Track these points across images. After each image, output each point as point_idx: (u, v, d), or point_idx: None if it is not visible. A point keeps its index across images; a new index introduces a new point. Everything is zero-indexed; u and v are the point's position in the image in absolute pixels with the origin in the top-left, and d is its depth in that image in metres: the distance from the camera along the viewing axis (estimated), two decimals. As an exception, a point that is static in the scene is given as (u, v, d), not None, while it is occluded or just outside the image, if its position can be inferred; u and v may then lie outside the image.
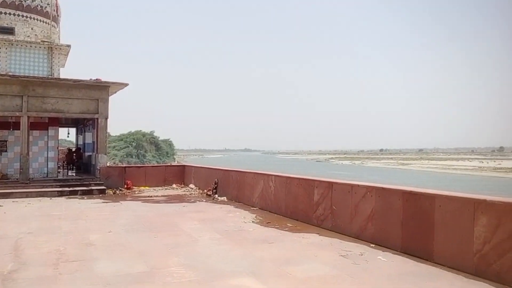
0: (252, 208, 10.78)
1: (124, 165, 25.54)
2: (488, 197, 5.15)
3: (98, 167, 15.93)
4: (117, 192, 15.04)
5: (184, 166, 18.73)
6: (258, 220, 9.14)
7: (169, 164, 32.87)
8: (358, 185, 7.41)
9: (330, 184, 8.14)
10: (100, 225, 8.62)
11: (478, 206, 5.15)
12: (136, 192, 15.18)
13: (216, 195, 13.42)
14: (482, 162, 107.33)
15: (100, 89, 16.12)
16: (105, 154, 16.22)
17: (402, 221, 6.28)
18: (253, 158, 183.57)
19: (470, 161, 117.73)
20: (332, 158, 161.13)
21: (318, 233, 7.66)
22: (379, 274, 5.21)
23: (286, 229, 8.18)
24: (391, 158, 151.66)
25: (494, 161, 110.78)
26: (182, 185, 16.73)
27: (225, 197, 12.91)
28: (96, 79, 15.91)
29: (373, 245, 6.62)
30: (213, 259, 5.92)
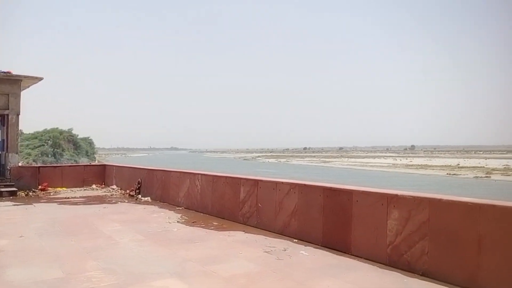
0: (178, 208, 10.59)
1: (38, 165, 23.79)
2: (400, 192, 5.53)
3: (8, 167, 14.64)
4: (30, 194, 13.95)
5: (105, 165, 17.87)
6: (183, 220, 9.00)
7: (88, 164, 31.19)
8: (282, 182, 7.58)
9: (256, 182, 8.24)
10: (10, 230, 7.93)
11: (390, 200, 5.51)
12: (52, 194, 14.19)
13: (140, 196, 12.98)
14: (396, 160, 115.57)
15: (11, 83, 14.81)
16: (17, 153, 14.96)
17: (323, 216, 6.54)
18: (180, 157, 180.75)
19: (385, 158, 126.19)
20: (259, 156, 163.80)
21: (243, 231, 7.72)
22: (301, 268, 5.38)
23: (212, 228, 8.15)
24: (314, 156, 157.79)
25: (406, 159, 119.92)
26: (103, 186, 15.95)
27: (149, 198, 12.53)
28: (6, 72, 14.61)
29: (296, 240, 6.82)
30: (135, 261, 5.71)
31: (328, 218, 6.48)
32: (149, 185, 12.88)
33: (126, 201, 12.38)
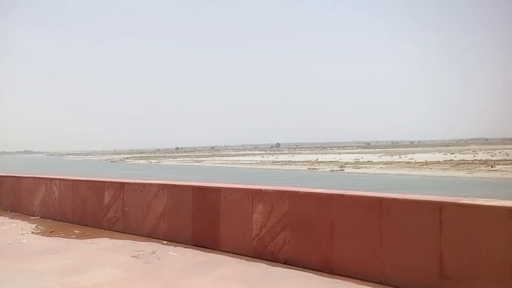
0: (32, 218, 9.54)
1: None
2: (263, 187, 5.85)
3: None
4: None
5: None
6: (39, 230, 8.14)
7: None
8: (150, 184, 7.39)
9: (122, 185, 7.87)
10: None
11: (255, 195, 5.79)
12: None
13: (-15, 206, 11.34)
14: (264, 157, 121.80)
15: None
16: None
17: (192, 215, 6.57)
18: (35, 161, 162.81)
19: (254, 156, 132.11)
20: (127, 158, 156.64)
21: (109, 237, 7.32)
22: (170, 268, 5.32)
23: (73, 236, 7.54)
24: (187, 156, 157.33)
25: (273, 156, 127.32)
26: None
27: (-4, 208, 11.03)
28: None
29: (166, 242, 6.72)
30: (-23, 281, 4.98)
31: (197, 216, 6.52)
32: (-4, 194, 11.32)
33: (-33, 214, 10.70)
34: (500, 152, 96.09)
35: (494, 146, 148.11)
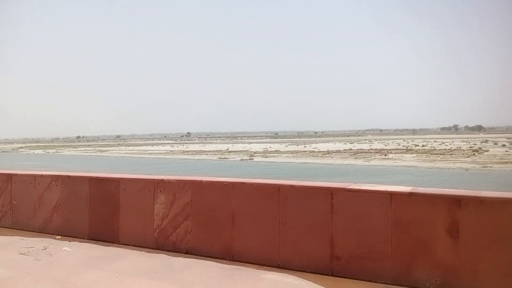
0: None
1: None
2: (166, 177, 5.73)
3: None
4: None
5: None
6: None
7: None
8: (42, 175, 6.84)
9: (9, 176, 7.17)
10: None
11: (157, 185, 5.66)
12: None
13: None
14: (173, 146, 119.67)
15: None
16: None
17: (89, 208, 6.22)
18: None
19: (163, 145, 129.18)
20: (21, 147, 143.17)
21: (-6, 234, 6.64)
22: (62, 264, 5.00)
23: (-51, 235, 6.70)
24: (89, 145, 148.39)
25: (183, 145, 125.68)
26: None
27: None
28: None
29: (59, 237, 6.29)
30: None
31: (95, 209, 6.19)
32: None
33: None
34: (392, 142, 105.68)
35: (388, 137, 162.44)
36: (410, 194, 4.27)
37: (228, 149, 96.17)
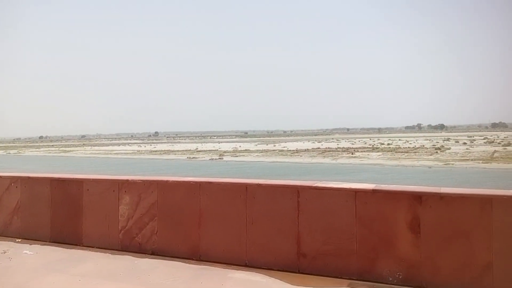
0: None
1: None
2: (130, 177, 5.63)
3: None
4: None
5: None
6: None
7: None
8: (1, 176, 6.57)
9: (-36, 178, 6.85)
10: None
11: (122, 186, 5.54)
12: None
13: None
14: (141, 146, 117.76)
15: None
16: None
17: (51, 209, 6.02)
18: None
19: (130, 145, 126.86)
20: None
21: None
22: (22, 268, 4.83)
23: None
24: (52, 145, 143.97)
25: (151, 145, 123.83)
26: None
27: None
28: None
29: (20, 240, 6.06)
30: None
31: (57, 211, 6.00)
32: None
33: None
34: (359, 141, 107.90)
35: (354, 135, 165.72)
36: (374, 191, 4.36)
37: (197, 148, 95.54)
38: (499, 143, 78.99)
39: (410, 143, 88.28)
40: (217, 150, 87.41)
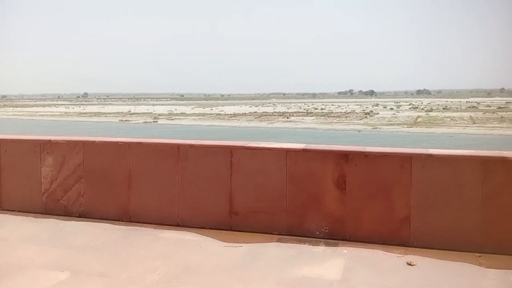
0: None
1: None
2: (53, 137, 5.29)
3: None
4: None
5: None
6: None
7: None
8: None
9: None
10: None
11: (44, 146, 5.20)
12: None
13: None
14: (68, 108, 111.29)
15: None
16: None
17: (-36, 172, 5.54)
18: None
19: (57, 107, 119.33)
20: None
21: None
22: None
23: None
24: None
25: (79, 107, 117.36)
26: None
27: None
28: None
29: None
30: None
31: (-30, 174, 5.53)
32: None
33: None
34: (294, 105, 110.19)
35: (290, 100, 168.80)
36: (304, 151, 4.48)
37: (130, 111, 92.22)
38: (422, 109, 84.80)
39: (342, 108, 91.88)
40: (152, 113, 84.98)
